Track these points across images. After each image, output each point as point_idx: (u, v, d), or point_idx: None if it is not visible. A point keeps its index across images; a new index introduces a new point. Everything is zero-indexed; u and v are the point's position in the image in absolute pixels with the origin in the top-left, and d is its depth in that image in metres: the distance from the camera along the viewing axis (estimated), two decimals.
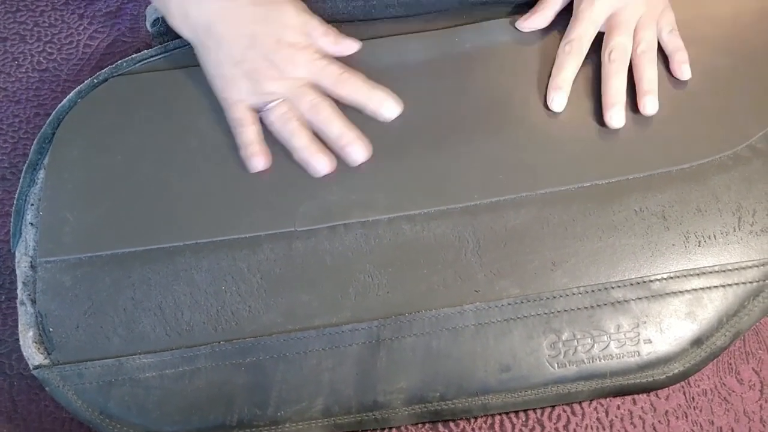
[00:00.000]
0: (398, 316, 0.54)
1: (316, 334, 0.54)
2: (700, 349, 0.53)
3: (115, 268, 0.55)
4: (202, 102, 0.59)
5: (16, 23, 0.72)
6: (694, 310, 0.53)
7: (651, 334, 0.53)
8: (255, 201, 0.57)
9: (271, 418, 0.53)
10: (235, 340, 0.54)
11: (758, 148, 0.57)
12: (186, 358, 0.53)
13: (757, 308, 0.53)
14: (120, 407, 0.53)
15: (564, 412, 0.56)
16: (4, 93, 0.69)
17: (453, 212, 0.56)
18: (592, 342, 0.53)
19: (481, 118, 0.58)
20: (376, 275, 0.55)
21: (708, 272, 0.54)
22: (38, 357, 0.54)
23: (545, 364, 0.53)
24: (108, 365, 0.54)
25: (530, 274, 0.54)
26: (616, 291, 0.54)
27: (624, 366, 0.53)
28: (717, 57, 0.60)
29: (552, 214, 0.55)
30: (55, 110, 0.61)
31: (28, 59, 0.70)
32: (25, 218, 0.58)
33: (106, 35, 0.71)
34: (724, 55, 0.59)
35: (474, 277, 0.54)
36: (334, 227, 0.56)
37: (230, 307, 0.54)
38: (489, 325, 0.53)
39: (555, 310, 0.53)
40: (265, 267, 0.55)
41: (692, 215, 0.55)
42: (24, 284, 0.56)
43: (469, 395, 0.53)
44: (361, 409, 0.53)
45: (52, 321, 0.55)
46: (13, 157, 0.66)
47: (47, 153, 0.59)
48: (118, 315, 0.54)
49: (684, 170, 0.56)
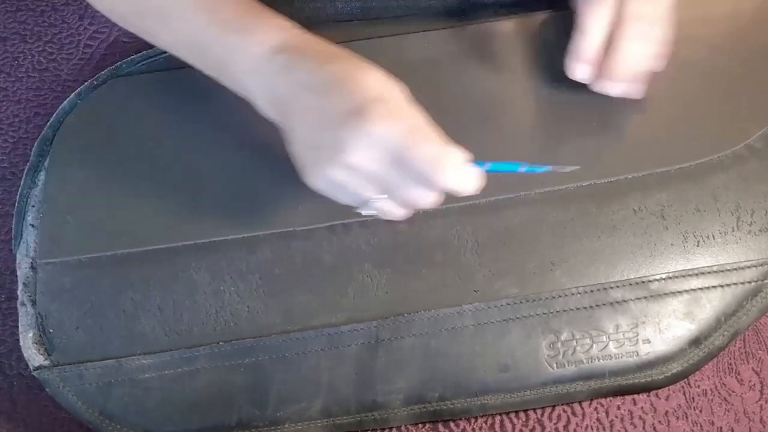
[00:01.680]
0: (397, 316, 0.54)
1: (315, 334, 0.54)
2: (698, 349, 0.53)
3: (115, 269, 0.56)
4: (202, 103, 0.59)
5: (16, 23, 0.72)
6: (692, 310, 0.53)
7: (649, 334, 0.53)
8: (254, 201, 0.57)
9: (270, 419, 0.53)
10: (234, 341, 0.54)
11: (756, 148, 0.56)
12: (185, 358, 0.54)
13: (755, 308, 0.53)
14: (120, 408, 0.53)
15: (564, 413, 0.56)
16: (4, 93, 0.69)
17: (452, 212, 0.56)
18: (590, 342, 0.53)
19: (479, 118, 0.58)
20: (375, 275, 0.55)
21: (706, 272, 0.54)
22: (38, 358, 0.54)
23: (544, 364, 0.53)
24: (108, 366, 0.54)
25: (529, 274, 0.54)
26: (614, 291, 0.54)
27: (623, 366, 0.53)
28: (715, 57, 0.59)
29: (551, 214, 0.55)
30: (55, 112, 0.61)
31: (29, 59, 0.70)
32: (26, 220, 0.58)
33: (106, 35, 0.71)
34: (723, 55, 0.59)
35: (473, 277, 0.54)
36: (333, 227, 0.56)
37: (229, 308, 0.55)
38: (488, 325, 0.53)
39: (554, 310, 0.53)
40: (264, 267, 0.55)
41: (691, 215, 0.55)
42: (24, 285, 0.56)
43: (468, 395, 0.53)
44: (361, 410, 0.53)
45: (53, 322, 0.55)
46: (13, 157, 0.66)
47: (48, 155, 0.60)
48: (117, 316, 0.55)
49: (683, 170, 0.56)
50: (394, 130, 0.44)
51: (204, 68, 0.53)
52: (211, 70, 0.53)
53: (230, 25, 0.50)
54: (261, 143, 0.58)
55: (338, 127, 0.45)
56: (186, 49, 0.53)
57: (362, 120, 0.43)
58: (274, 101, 0.49)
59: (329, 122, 0.45)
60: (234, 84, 0.52)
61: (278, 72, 0.48)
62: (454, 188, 0.45)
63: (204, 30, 0.51)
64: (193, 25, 0.51)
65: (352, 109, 0.44)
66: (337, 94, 0.45)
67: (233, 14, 0.50)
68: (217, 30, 0.50)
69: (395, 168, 0.45)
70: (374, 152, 0.44)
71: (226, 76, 0.52)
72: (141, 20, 0.55)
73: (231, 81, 0.52)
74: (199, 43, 0.52)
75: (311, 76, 0.46)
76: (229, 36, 0.50)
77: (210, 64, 0.52)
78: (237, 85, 0.52)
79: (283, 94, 0.48)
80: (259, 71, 0.49)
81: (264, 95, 0.50)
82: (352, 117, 0.44)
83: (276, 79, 0.48)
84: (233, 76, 0.51)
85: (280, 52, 0.48)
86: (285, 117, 0.49)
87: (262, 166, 0.57)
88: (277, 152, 0.57)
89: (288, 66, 0.47)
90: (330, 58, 0.47)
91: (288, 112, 0.48)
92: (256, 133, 0.58)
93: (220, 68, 0.52)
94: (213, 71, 0.53)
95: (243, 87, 0.51)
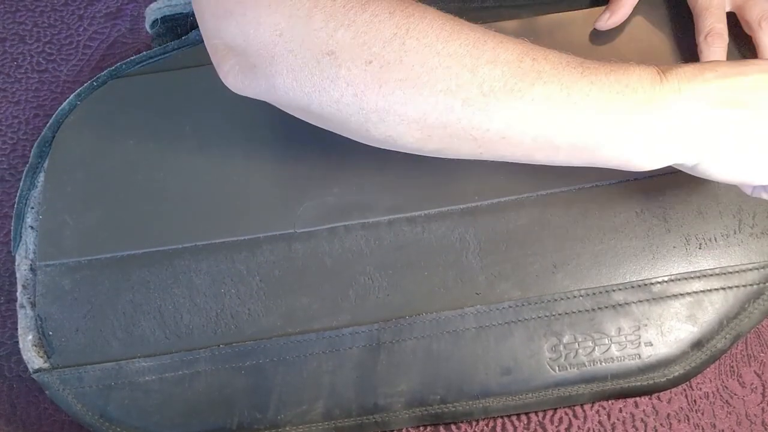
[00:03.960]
0: (398, 318, 0.54)
1: (316, 337, 0.53)
2: (700, 351, 0.53)
3: (115, 271, 0.55)
4: (201, 104, 0.59)
5: (15, 23, 0.71)
6: (694, 312, 0.53)
7: (652, 336, 0.53)
8: (254, 203, 0.56)
9: (271, 422, 0.53)
10: (234, 343, 0.54)
11: None
12: (185, 361, 0.53)
13: (757, 311, 0.53)
14: (120, 411, 0.53)
15: (566, 415, 0.56)
16: (3, 94, 0.69)
17: (454, 213, 0.56)
18: (593, 345, 0.53)
19: None
20: (376, 277, 0.55)
21: (709, 275, 0.54)
22: (38, 360, 0.54)
23: (546, 367, 0.53)
24: (108, 368, 0.53)
25: (531, 277, 0.54)
26: (617, 294, 0.53)
27: (625, 369, 0.53)
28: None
29: (553, 216, 0.55)
30: (54, 113, 0.61)
31: (28, 60, 0.70)
32: (25, 221, 0.58)
33: (105, 36, 0.71)
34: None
35: (475, 280, 0.54)
36: (334, 229, 0.56)
37: (230, 310, 0.54)
38: (490, 328, 0.53)
39: (556, 312, 0.53)
40: (265, 269, 0.55)
41: (693, 217, 0.55)
42: (24, 287, 0.56)
43: (469, 398, 0.53)
44: (362, 412, 0.53)
45: (52, 324, 0.55)
46: (12, 158, 0.66)
47: (47, 156, 0.59)
48: (117, 318, 0.54)
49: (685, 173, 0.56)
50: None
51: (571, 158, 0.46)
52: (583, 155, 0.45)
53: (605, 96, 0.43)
54: (262, 144, 0.58)
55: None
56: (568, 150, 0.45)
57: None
58: (686, 135, 0.44)
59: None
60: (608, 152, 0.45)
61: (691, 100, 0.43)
62: None
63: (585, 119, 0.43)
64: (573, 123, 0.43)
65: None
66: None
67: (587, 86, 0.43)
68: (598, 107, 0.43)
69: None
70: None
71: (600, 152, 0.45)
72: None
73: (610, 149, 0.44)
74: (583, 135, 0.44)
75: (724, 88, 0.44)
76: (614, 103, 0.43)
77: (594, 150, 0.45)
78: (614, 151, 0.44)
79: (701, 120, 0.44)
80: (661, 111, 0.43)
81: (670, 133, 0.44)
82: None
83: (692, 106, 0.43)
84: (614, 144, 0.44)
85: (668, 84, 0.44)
86: (702, 145, 0.45)
87: (262, 168, 0.57)
88: (277, 153, 0.57)
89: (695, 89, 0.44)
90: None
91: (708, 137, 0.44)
92: (257, 134, 0.58)
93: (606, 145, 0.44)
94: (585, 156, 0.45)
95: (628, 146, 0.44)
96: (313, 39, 0.41)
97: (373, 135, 0.44)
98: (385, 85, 0.41)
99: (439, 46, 0.41)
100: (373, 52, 0.41)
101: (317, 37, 0.41)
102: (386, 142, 0.45)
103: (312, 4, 0.41)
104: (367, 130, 0.44)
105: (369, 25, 0.41)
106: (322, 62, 0.41)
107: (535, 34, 0.60)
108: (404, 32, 0.41)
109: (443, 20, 0.42)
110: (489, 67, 0.42)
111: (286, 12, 0.41)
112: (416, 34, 0.41)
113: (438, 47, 0.41)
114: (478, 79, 0.41)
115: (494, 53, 0.42)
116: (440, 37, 0.41)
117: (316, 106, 0.43)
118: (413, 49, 0.41)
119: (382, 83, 0.41)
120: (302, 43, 0.41)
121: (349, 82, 0.41)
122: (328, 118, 0.44)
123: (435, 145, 0.44)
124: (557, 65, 0.43)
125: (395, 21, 0.41)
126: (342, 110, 0.42)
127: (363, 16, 0.41)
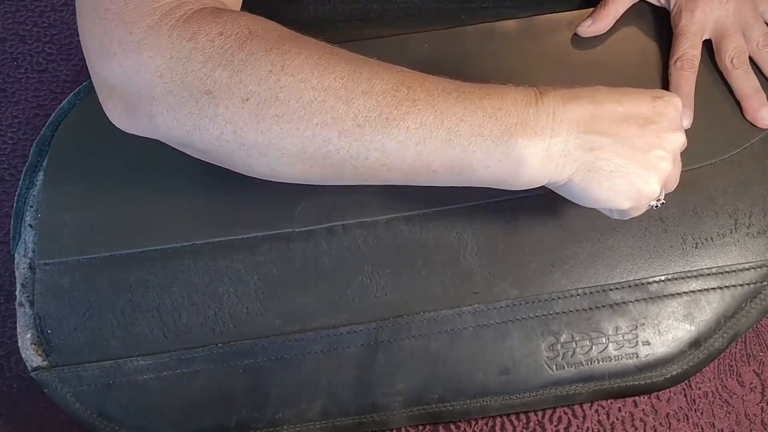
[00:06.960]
0: (396, 318, 0.54)
1: (314, 336, 0.54)
2: (698, 350, 0.53)
3: (113, 270, 0.55)
4: None
5: (15, 23, 0.72)
6: (691, 311, 0.53)
7: (649, 335, 0.53)
8: (253, 202, 0.56)
9: (269, 421, 0.53)
10: (233, 343, 0.54)
11: (755, 152, 0.57)
12: (184, 360, 0.53)
13: (754, 310, 0.53)
14: (118, 409, 0.53)
15: (565, 415, 0.56)
16: (3, 94, 0.69)
17: (452, 213, 0.56)
18: (590, 344, 0.53)
19: None
20: (374, 277, 0.55)
21: (705, 274, 0.54)
22: (37, 359, 0.54)
23: (544, 366, 0.53)
24: (106, 367, 0.54)
25: (529, 276, 0.54)
26: (614, 293, 0.53)
27: (622, 368, 0.53)
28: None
29: (551, 216, 0.55)
30: (54, 112, 0.61)
31: (28, 60, 0.70)
32: (24, 220, 0.58)
33: None
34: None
35: (473, 279, 0.54)
36: (332, 228, 0.56)
37: (228, 309, 0.54)
38: (487, 327, 0.53)
39: (553, 311, 0.53)
40: (263, 268, 0.55)
41: (689, 217, 0.55)
42: (23, 286, 0.56)
43: (467, 397, 0.53)
44: (360, 412, 0.53)
45: (51, 323, 0.55)
46: (12, 158, 0.66)
47: (46, 155, 0.59)
48: (116, 317, 0.54)
49: (682, 173, 0.56)
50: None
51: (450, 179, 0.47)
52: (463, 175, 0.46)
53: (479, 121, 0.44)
54: None
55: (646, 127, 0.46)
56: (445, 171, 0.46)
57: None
58: (568, 155, 0.45)
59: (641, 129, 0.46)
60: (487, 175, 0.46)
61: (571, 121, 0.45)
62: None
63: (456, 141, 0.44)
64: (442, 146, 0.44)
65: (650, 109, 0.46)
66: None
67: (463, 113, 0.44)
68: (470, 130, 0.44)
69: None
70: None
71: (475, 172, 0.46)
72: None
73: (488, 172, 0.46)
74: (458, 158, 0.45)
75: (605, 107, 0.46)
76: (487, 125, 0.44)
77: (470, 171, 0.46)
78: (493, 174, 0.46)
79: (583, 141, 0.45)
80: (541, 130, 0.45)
81: (549, 157, 0.45)
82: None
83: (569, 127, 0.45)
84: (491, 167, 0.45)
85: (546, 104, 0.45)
86: (569, 169, 0.46)
87: None
88: None
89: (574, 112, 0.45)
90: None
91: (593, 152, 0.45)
92: None
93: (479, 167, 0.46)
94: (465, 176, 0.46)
95: (511, 168, 0.45)
96: (192, 79, 0.42)
97: (256, 169, 0.45)
98: (263, 121, 0.42)
99: (314, 80, 0.42)
100: (250, 90, 0.42)
101: (195, 78, 0.42)
102: (271, 175, 0.46)
103: (191, 46, 0.42)
104: (251, 165, 0.45)
105: (245, 64, 0.42)
106: (201, 101, 0.42)
107: (535, 34, 0.60)
108: (279, 69, 0.42)
109: (320, 54, 0.43)
110: (364, 99, 0.43)
111: (167, 54, 0.42)
112: (291, 70, 0.42)
113: (313, 82, 0.42)
114: (354, 110, 0.43)
115: (369, 84, 0.43)
116: (315, 71, 0.42)
117: (199, 144, 0.44)
118: (288, 85, 0.42)
119: (260, 119, 0.42)
120: (181, 84, 0.42)
121: (227, 119, 0.42)
122: (212, 154, 0.45)
123: (318, 174, 0.46)
124: (432, 92, 0.44)
125: (271, 58, 0.42)
126: (224, 146, 0.44)
127: (240, 55, 0.42)
